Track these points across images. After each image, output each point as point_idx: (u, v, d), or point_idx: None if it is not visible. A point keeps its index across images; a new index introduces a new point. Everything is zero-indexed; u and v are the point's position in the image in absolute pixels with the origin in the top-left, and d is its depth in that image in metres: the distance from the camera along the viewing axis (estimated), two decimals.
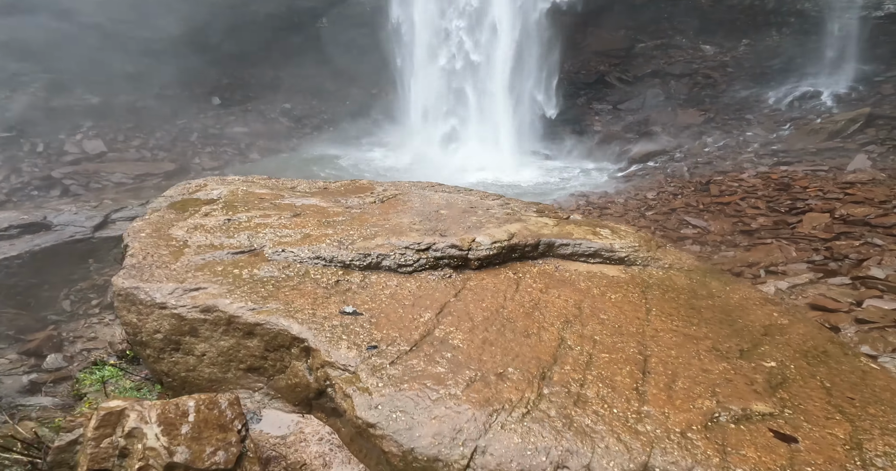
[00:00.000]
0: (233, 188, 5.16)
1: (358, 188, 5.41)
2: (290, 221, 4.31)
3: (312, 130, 21.44)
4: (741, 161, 12.74)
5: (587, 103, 21.07)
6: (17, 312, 8.62)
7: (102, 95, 19.29)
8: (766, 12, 19.48)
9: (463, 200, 5.00)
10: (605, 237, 4.18)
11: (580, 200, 12.18)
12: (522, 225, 4.23)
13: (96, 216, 10.43)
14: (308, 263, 3.60)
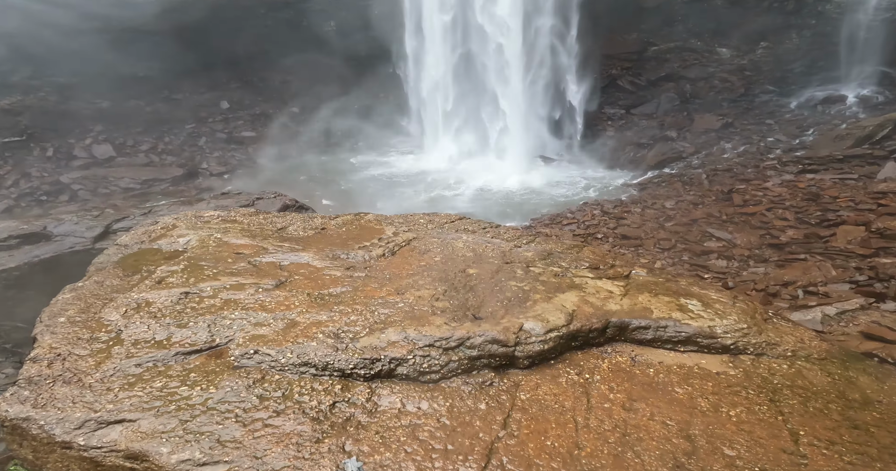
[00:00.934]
0: (204, 235, 4.11)
1: (363, 230, 4.44)
2: (270, 296, 3.20)
3: (320, 134, 21.18)
4: (764, 168, 12.12)
5: (599, 108, 20.57)
6: (14, 324, 8.40)
7: (112, 99, 19.27)
8: (785, 14, 18.81)
9: (493, 250, 4.04)
10: (698, 314, 3.16)
11: (594, 209, 11.63)
12: (580, 296, 3.26)
13: (97, 227, 10.14)
14: (291, 372, 2.57)
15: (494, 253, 3.96)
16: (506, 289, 3.32)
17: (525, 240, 4.48)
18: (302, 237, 4.29)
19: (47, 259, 9.00)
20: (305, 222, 4.60)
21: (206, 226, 4.41)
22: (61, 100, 18.44)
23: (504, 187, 15.12)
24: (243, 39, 21.26)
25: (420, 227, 4.58)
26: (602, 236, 10.02)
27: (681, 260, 8.48)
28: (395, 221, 4.75)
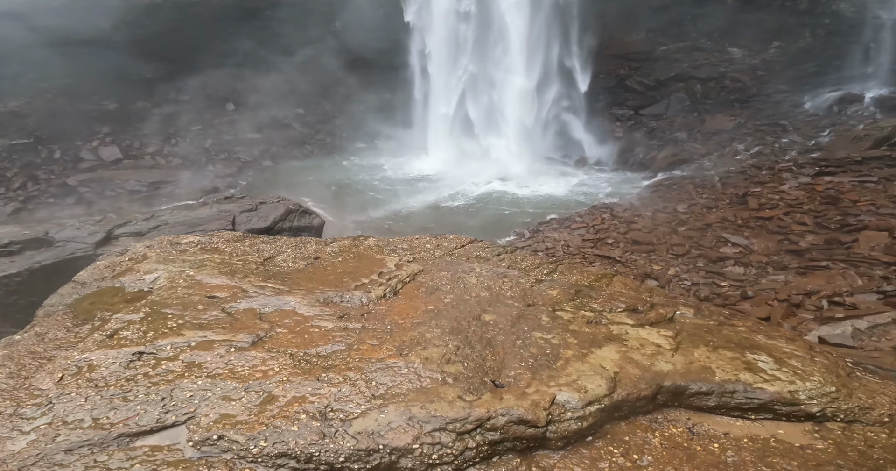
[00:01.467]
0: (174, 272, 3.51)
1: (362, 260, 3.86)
2: (244, 357, 2.59)
3: (325, 135, 21.09)
4: (779, 170, 11.77)
5: (607, 108, 20.28)
6: (15, 330, 8.32)
7: (119, 101, 19.27)
8: (798, 13, 18.37)
9: (511, 287, 3.48)
10: (773, 376, 2.58)
11: (604, 213, 11.34)
12: (621, 351, 2.74)
13: (99, 232, 10.03)
14: (266, 465, 2.06)
15: (513, 291, 3.39)
16: (530, 343, 2.78)
17: (546, 269, 3.95)
18: (290, 271, 3.68)
19: (49, 265, 8.92)
20: (296, 250, 4.04)
21: (181, 257, 3.85)
22: (69, 102, 18.42)
23: (510, 190, 14.85)
24: (248, 41, 21.21)
25: (426, 254, 4.07)
26: (612, 242, 9.74)
27: (695, 267, 8.19)
28: (399, 248, 4.21)
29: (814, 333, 5.02)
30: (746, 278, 7.47)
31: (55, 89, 18.47)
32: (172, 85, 20.40)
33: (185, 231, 9.49)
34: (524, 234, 11.21)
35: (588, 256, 9.57)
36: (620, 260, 9.11)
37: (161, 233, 9.52)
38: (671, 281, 7.96)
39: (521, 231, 11.42)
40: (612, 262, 9.18)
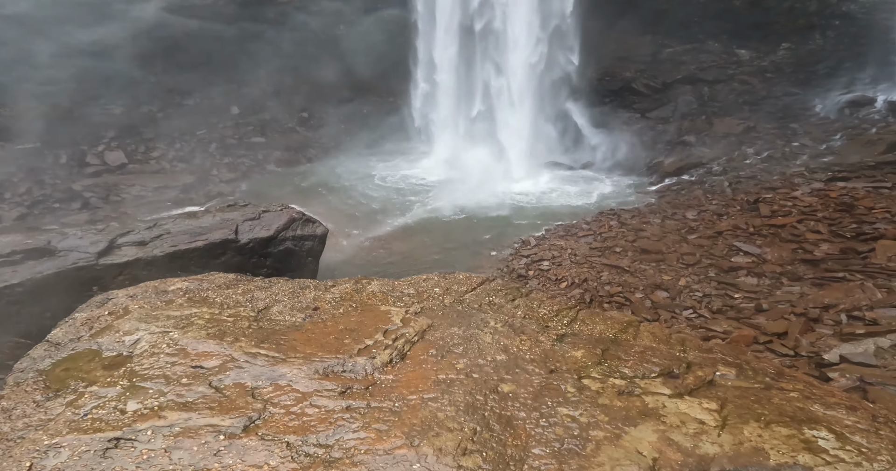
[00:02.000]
0: (158, 333, 3.17)
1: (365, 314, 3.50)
2: (234, 449, 2.29)
3: (329, 139, 21.05)
4: (791, 176, 11.53)
5: (612, 111, 20.07)
6: (18, 341, 8.29)
7: (125, 105, 19.31)
8: (807, 15, 18.20)
9: (530, 346, 3.14)
10: (835, 456, 2.29)
11: (611, 219, 11.13)
12: (659, 431, 2.43)
13: (101, 241, 9.99)
14: None
15: (533, 353, 3.07)
16: (555, 421, 2.48)
17: (565, 318, 3.61)
18: (287, 329, 3.33)
19: (51, 275, 8.86)
20: (294, 298, 3.67)
21: (166, 312, 3.47)
22: (75, 106, 18.48)
23: (514, 195, 14.66)
24: (254, 43, 21.20)
25: (434, 301, 3.70)
26: (620, 250, 9.55)
27: (707, 277, 7.98)
28: (405, 293, 3.83)
29: (835, 350, 4.82)
30: (760, 290, 7.26)
31: (61, 94, 18.49)
32: (178, 89, 20.42)
33: (189, 240, 9.40)
34: (529, 241, 11.04)
35: (595, 266, 9.38)
36: (629, 270, 8.92)
37: (164, 242, 9.43)
38: (682, 292, 7.76)
39: (526, 238, 11.24)
40: (620, 271, 8.99)
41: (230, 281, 3.99)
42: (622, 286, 8.37)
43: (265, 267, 9.43)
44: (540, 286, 9.33)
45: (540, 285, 9.36)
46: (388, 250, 11.46)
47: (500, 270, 10.31)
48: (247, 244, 9.24)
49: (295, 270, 9.62)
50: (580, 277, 9.08)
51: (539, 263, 9.92)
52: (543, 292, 4.41)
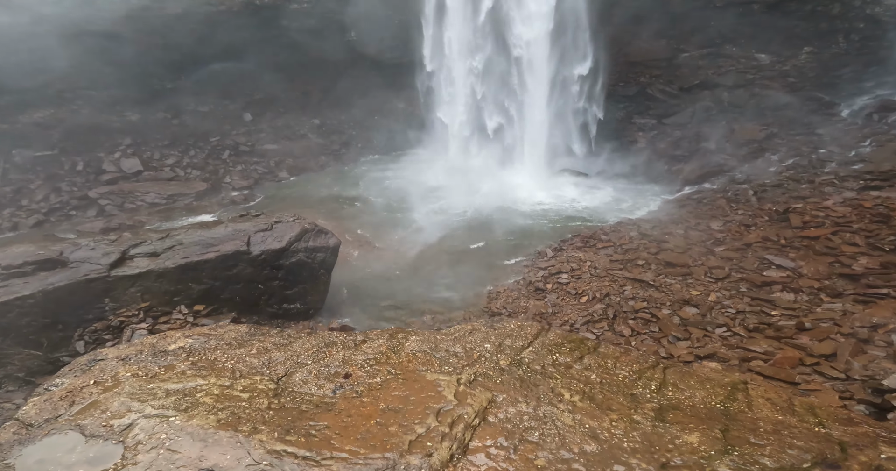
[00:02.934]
0: (156, 419, 2.50)
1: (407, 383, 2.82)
2: None
3: (340, 146, 20.97)
4: (820, 184, 11.07)
5: (628, 117, 19.72)
6: (28, 352, 8.23)
7: (141, 112, 19.41)
8: (830, 18, 17.70)
9: (628, 432, 2.48)
10: None
11: (631, 230, 10.76)
12: None
13: (113, 252, 9.93)
14: None
15: (632, 440, 2.36)
16: None
17: (652, 381, 2.94)
18: (315, 408, 2.65)
19: (62, 287, 8.75)
20: (318, 360, 2.99)
21: (165, 384, 2.82)
22: (93, 112, 18.64)
23: (530, 204, 14.32)
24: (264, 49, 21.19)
25: (488, 363, 3.01)
26: (643, 263, 9.18)
27: (739, 292, 7.59)
28: (451, 353, 3.10)
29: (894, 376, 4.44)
30: (799, 306, 6.86)
31: (80, 100, 18.66)
32: (192, 95, 20.41)
33: (200, 251, 9.23)
34: (546, 253, 10.69)
35: (617, 279, 9.02)
36: (653, 284, 8.55)
37: (176, 254, 9.28)
38: (713, 309, 7.39)
39: (543, 250, 10.90)
40: (644, 285, 8.62)
41: (242, 336, 3.34)
42: (647, 302, 8.01)
43: (277, 279, 9.24)
44: (559, 300, 9.00)
45: (559, 299, 9.03)
46: (401, 261, 11.19)
47: (517, 282, 9.99)
48: (259, 256, 9.06)
49: (307, 283, 9.41)
50: (601, 291, 8.73)
51: (557, 276, 9.59)
52: (614, 346, 3.80)
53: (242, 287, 8.88)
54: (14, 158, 17.35)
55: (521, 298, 9.28)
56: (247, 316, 8.91)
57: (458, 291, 9.90)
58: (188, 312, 8.54)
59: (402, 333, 3.59)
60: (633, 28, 19.60)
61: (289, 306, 9.30)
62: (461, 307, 9.36)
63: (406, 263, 11.13)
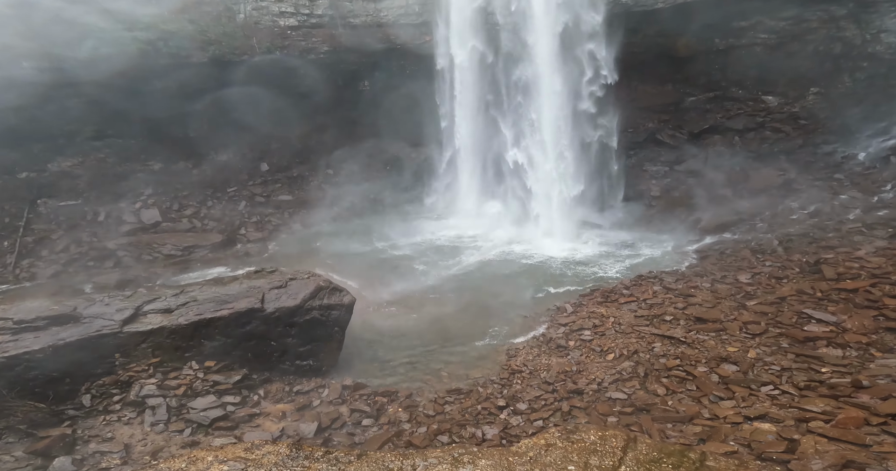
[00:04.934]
0: None
1: None
2: None
3: (354, 196, 21.09)
4: (848, 232, 10.74)
5: (639, 164, 19.60)
6: (33, 404, 8.08)
7: (164, 161, 19.88)
8: (833, 57, 17.64)
9: None
10: None
11: (654, 284, 10.41)
12: None
13: (127, 308, 9.92)
14: None
15: None
16: None
17: None
18: None
19: (73, 342, 8.68)
20: None
21: None
22: (118, 161, 19.16)
23: (546, 257, 13.99)
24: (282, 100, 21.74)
25: None
26: (671, 318, 8.79)
27: (780, 348, 7.17)
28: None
29: None
30: (850, 363, 6.45)
31: (107, 148, 19.13)
32: (212, 144, 20.79)
33: (214, 308, 9.10)
34: (566, 308, 10.34)
35: (645, 336, 8.62)
36: (685, 340, 8.14)
37: (189, 310, 9.17)
38: (754, 366, 6.95)
39: (562, 305, 10.55)
40: (675, 342, 8.21)
41: (283, 460, 2.88)
42: (680, 359, 7.59)
43: (290, 336, 9.06)
44: (583, 357, 8.59)
45: (583, 356, 8.62)
46: (417, 314, 10.92)
47: (536, 338, 9.62)
48: (272, 314, 8.92)
49: (321, 340, 9.19)
50: (629, 348, 8.33)
51: (580, 333, 9.22)
52: (724, 458, 3.19)
53: (255, 344, 8.73)
54: (38, 208, 17.72)
55: (541, 355, 8.91)
56: (258, 372, 8.73)
57: (474, 347, 9.57)
58: (199, 368, 8.40)
59: (466, 454, 3.14)
60: (640, 73, 19.75)
61: (301, 363, 9.08)
62: (478, 365, 9.00)
63: (420, 317, 10.85)
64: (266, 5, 21.30)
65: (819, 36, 17.34)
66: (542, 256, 14.17)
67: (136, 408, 7.26)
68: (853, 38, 16.94)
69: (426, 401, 7.47)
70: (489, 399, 7.38)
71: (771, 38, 17.92)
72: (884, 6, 15.96)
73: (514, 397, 7.34)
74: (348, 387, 8.04)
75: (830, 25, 17.06)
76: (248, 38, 20.25)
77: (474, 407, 7.16)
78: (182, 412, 7.03)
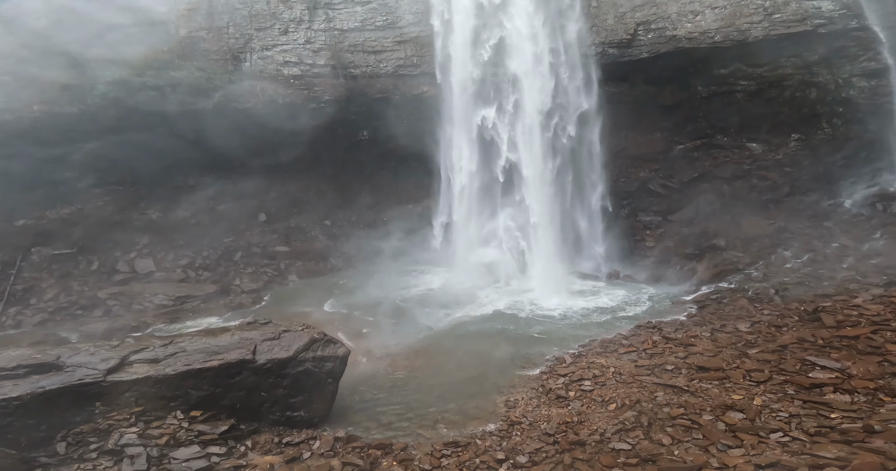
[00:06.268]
0: None
1: None
2: None
3: (350, 248, 20.95)
4: (842, 281, 10.81)
5: (633, 215, 19.59)
6: (4, 450, 7.71)
7: (162, 210, 19.86)
8: (810, 103, 17.79)
9: None
10: None
11: (652, 334, 10.29)
12: None
13: (113, 358, 9.70)
14: None
15: None
16: None
17: None
18: None
19: (53, 390, 8.35)
20: None
21: None
22: (117, 210, 19.12)
23: (542, 309, 13.84)
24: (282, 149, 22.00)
25: None
26: (672, 368, 8.62)
27: (786, 395, 7.03)
28: None
29: None
30: (859, 408, 6.35)
31: (108, 196, 19.14)
32: (211, 193, 20.84)
33: (204, 359, 8.87)
34: (565, 359, 10.15)
35: (647, 385, 8.41)
36: (688, 389, 7.94)
37: (178, 361, 8.94)
38: (761, 413, 6.77)
39: (560, 356, 10.36)
40: (678, 391, 7.99)
41: None
42: (684, 408, 7.38)
43: (282, 387, 8.81)
44: (584, 408, 8.32)
45: (584, 407, 8.35)
46: (411, 368, 10.67)
47: (535, 389, 9.36)
48: (264, 365, 8.71)
49: (313, 391, 8.93)
50: (631, 398, 8.11)
51: (580, 383, 9.00)
52: None
53: (245, 394, 8.48)
54: (32, 256, 17.57)
55: (541, 406, 8.66)
56: (246, 423, 8.44)
57: (472, 399, 9.28)
58: (184, 418, 8.09)
59: None
60: (629, 122, 19.84)
61: (292, 414, 8.77)
62: (476, 416, 8.70)
63: (416, 369, 10.59)
64: (272, 55, 22.07)
65: (794, 82, 17.76)
66: (539, 308, 14.05)
67: (114, 457, 6.92)
68: (827, 83, 17.32)
69: (422, 454, 7.16)
70: (488, 452, 7.10)
71: (750, 85, 18.42)
72: (852, 50, 16.43)
73: (514, 450, 7.07)
74: (341, 439, 7.73)
75: (804, 71, 17.50)
76: (253, 86, 20.84)
77: (472, 460, 6.88)
78: (163, 462, 6.70)
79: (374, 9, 21.69)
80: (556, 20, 17.27)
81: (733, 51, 17.61)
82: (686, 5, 17.84)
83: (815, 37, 16.50)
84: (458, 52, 18.28)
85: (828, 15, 16.19)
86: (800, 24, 16.47)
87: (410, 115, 21.64)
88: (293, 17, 21.93)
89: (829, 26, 16.23)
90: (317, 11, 21.88)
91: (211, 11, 21.24)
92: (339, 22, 21.92)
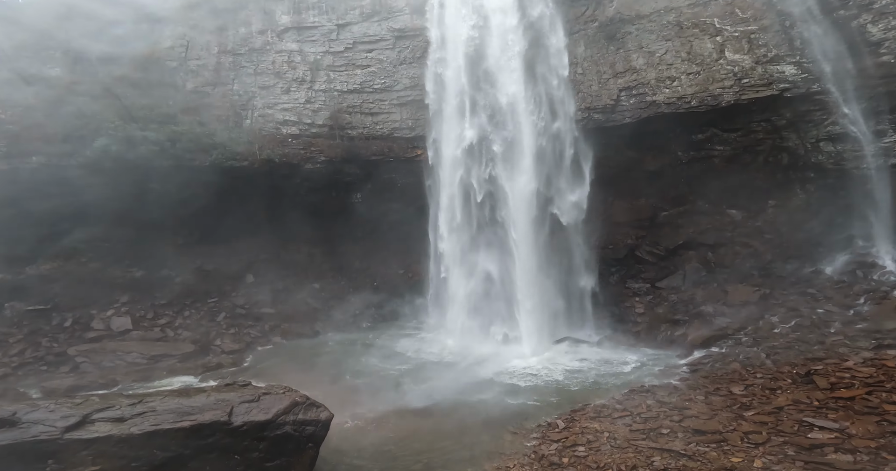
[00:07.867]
0: None
1: None
2: None
3: (338, 312, 20.61)
4: (832, 345, 10.79)
5: (621, 282, 19.63)
6: None
7: (147, 268, 19.42)
8: (783, 168, 17.87)
9: None
10: None
11: (647, 398, 9.99)
12: None
13: (74, 416, 9.09)
14: None
15: None
16: None
17: None
18: None
19: (4, 447, 7.78)
20: None
21: None
22: (99, 267, 18.69)
23: (534, 374, 13.52)
24: (274, 209, 21.99)
25: None
26: (668, 431, 8.27)
27: (787, 456, 6.71)
28: None
29: None
30: (863, 467, 6.07)
31: (91, 252, 18.74)
32: (199, 252, 20.57)
33: (174, 419, 8.31)
34: (557, 424, 9.72)
35: (642, 450, 8.01)
36: (685, 453, 7.56)
37: (145, 420, 8.38)
38: None
39: (553, 421, 9.92)
40: (675, 455, 7.61)
41: None
42: None
43: (258, 451, 8.20)
44: None
45: None
46: (397, 435, 10.11)
47: (528, 457, 8.84)
48: (240, 427, 8.18)
49: (291, 456, 8.33)
50: (626, 463, 7.69)
51: (574, 449, 8.55)
52: None
53: (216, 457, 7.89)
54: (4, 311, 16.97)
55: None
56: None
57: (460, 466, 8.72)
58: None
59: None
60: (615, 188, 20.20)
61: None
62: None
63: (403, 435, 10.02)
64: (272, 113, 23.01)
65: (766, 147, 17.92)
66: (531, 373, 13.71)
67: None
68: (796, 147, 17.37)
69: None
70: None
71: (726, 150, 18.70)
72: (816, 115, 16.49)
73: None
74: None
75: (774, 136, 17.64)
76: (252, 143, 21.25)
77: None
78: None
79: (373, 72, 23.08)
80: (545, 93, 18.06)
81: (708, 115, 18.12)
82: (664, 71, 18.65)
83: (782, 101, 16.80)
84: (449, 118, 19.00)
85: (791, 79, 16.48)
86: (766, 88, 16.81)
87: (404, 178, 22.25)
88: (296, 77, 23.19)
89: (794, 90, 16.47)
90: (319, 72, 23.24)
91: (218, 68, 22.41)
92: (339, 83, 23.20)
